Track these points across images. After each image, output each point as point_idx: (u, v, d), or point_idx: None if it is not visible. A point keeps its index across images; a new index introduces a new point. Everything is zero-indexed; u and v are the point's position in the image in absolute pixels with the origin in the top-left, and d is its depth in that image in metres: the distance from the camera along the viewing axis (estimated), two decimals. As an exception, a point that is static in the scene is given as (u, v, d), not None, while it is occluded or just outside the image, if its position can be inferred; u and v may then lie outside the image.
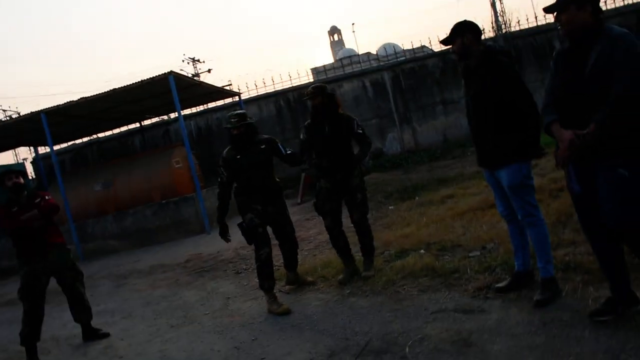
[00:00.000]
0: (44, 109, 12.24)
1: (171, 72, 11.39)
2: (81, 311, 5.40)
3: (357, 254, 5.44)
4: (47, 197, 5.33)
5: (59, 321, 6.34)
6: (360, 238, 5.23)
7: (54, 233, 5.29)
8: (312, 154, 5.27)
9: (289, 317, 4.52)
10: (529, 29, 17.12)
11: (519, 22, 17.82)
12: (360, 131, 5.15)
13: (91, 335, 5.39)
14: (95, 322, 5.57)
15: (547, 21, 16.80)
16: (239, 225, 5.03)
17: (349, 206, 5.19)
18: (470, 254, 4.96)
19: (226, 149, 5.20)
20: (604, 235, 3.03)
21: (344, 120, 5.14)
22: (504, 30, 17.13)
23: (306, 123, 5.34)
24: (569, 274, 3.85)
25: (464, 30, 3.70)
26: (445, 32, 3.84)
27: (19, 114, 31.41)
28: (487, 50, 3.69)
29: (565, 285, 3.67)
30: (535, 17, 17.29)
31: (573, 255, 4.18)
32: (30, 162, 20.48)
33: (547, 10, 3.07)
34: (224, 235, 5.11)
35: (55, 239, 5.28)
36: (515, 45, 16.75)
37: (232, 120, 5.06)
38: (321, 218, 5.39)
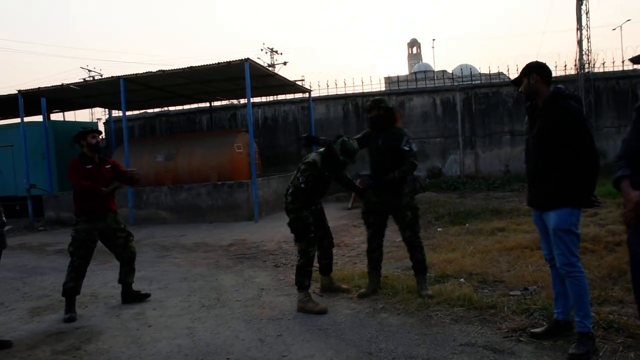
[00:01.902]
0: (123, 75, 12.77)
1: (247, 59, 11.64)
2: (129, 272, 5.59)
3: (399, 272, 5.41)
4: (108, 167, 5.60)
5: (100, 279, 6.62)
6: (412, 255, 5.12)
7: (112, 199, 5.56)
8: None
9: (317, 320, 4.53)
10: (613, 72, 16.51)
11: (603, 63, 17.00)
12: (407, 148, 5.01)
13: (132, 297, 5.57)
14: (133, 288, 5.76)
15: (635, 67, 16.14)
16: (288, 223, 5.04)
17: (399, 224, 5.15)
18: (511, 293, 4.83)
19: (319, 159, 5.01)
20: None
21: (396, 134, 5.10)
22: (586, 70, 16.51)
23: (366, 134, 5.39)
24: (611, 334, 3.68)
25: (531, 71, 3.66)
26: (525, 63, 3.77)
27: (101, 75, 32.80)
28: (556, 93, 3.59)
29: (604, 345, 3.52)
30: (622, 62, 16.55)
31: (618, 315, 4.00)
32: (103, 123, 21.37)
33: (634, 61, 2.95)
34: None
35: (113, 205, 5.54)
36: (595, 87, 16.19)
37: (354, 154, 4.95)
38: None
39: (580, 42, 16.94)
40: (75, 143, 5.50)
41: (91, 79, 25.97)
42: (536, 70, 3.65)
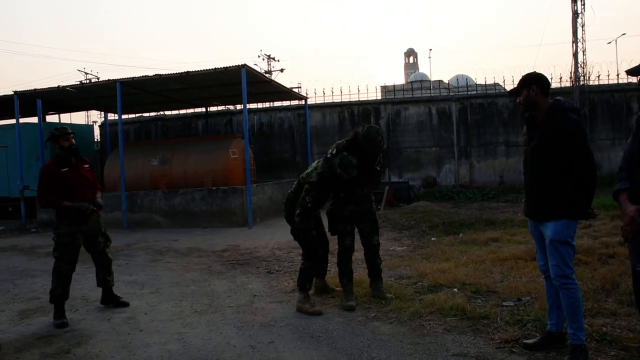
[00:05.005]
0: (120, 79, 12.74)
1: (244, 65, 11.63)
2: (107, 275, 5.51)
3: (392, 281, 5.39)
4: (86, 166, 5.44)
5: (92, 282, 6.53)
6: (376, 260, 5.32)
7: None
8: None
9: (308, 328, 4.51)
10: (608, 85, 16.65)
11: (599, 76, 17.07)
12: (379, 168, 5.30)
13: (111, 300, 5.51)
14: (123, 292, 5.73)
15: (629, 80, 16.27)
16: (292, 230, 5.27)
17: (369, 230, 5.30)
18: (504, 303, 4.82)
19: (321, 177, 5.08)
20: None
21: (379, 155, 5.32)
22: (581, 83, 16.62)
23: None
24: (604, 347, 3.67)
25: (530, 83, 3.64)
26: (521, 74, 3.78)
27: (98, 78, 32.73)
28: (556, 105, 3.59)
29: (597, 357, 3.51)
30: (617, 75, 16.70)
31: (611, 328, 3.99)
32: (99, 126, 21.30)
33: (630, 72, 2.94)
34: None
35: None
36: (590, 99, 16.31)
37: (351, 169, 4.94)
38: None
39: (575, 55, 17.04)
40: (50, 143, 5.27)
41: (88, 81, 25.91)
42: (536, 82, 3.64)
